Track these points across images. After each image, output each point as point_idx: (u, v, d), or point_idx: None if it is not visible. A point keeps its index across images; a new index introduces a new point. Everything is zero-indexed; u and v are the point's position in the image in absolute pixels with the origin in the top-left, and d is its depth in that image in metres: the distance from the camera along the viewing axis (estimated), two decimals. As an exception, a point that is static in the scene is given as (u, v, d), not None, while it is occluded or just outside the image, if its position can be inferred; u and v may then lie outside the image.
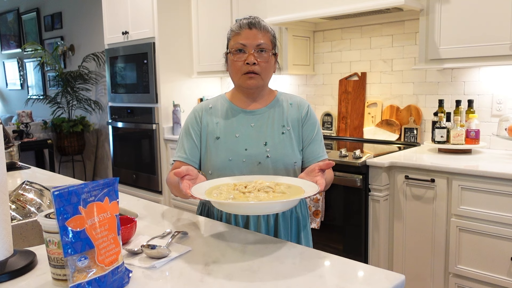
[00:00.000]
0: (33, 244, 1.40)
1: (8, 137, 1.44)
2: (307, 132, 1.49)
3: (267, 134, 1.45)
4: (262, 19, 1.46)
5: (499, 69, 2.48)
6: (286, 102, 1.51)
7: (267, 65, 1.43)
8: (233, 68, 1.44)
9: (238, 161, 1.42)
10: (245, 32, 1.40)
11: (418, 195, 2.24)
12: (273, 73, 1.49)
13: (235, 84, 1.51)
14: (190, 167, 1.21)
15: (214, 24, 3.53)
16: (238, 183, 1.25)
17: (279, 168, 1.43)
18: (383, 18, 2.89)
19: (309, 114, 1.51)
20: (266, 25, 1.44)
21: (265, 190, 1.18)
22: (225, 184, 1.26)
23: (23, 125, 5.24)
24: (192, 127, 1.49)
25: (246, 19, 1.42)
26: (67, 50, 5.83)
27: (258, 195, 1.15)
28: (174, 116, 3.64)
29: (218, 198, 1.14)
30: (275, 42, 1.47)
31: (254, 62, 1.39)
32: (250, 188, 1.19)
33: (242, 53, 1.41)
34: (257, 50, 1.40)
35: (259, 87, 1.46)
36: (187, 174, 1.19)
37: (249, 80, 1.42)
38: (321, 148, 1.51)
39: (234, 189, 1.20)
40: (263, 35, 1.41)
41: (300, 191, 1.17)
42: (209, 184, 1.25)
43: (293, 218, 1.48)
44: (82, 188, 0.82)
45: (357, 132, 3.09)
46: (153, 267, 0.98)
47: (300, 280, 0.91)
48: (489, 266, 2.03)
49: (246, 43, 1.40)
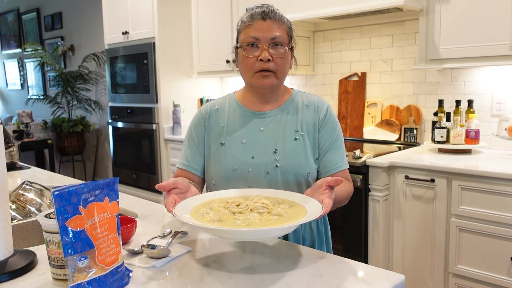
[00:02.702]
0: (33, 244, 1.40)
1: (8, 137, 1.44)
2: (324, 138, 1.30)
3: (277, 140, 1.28)
4: (276, 7, 1.28)
5: (499, 69, 2.48)
6: (301, 103, 1.33)
7: (283, 61, 1.25)
8: (244, 65, 1.26)
9: (244, 170, 1.27)
10: (258, 23, 1.22)
11: (418, 195, 2.24)
12: (289, 70, 1.31)
13: (246, 83, 1.33)
14: (179, 179, 1.09)
15: (214, 24, 3.53)
16: (231, 200, 1.09)
17: (289, 179, 1.26)
18: (383, 18, 2.89)
19: (327, 117, 1.32)
20: (282, 15, 1.27)
21: (259, 210, 1.02)
22: (218, 200, 1.11)
23: (23, 125, 5.24)
24: (195, 131, 1.36)
25: (259, 8, 1.24)
26: (67, 50, 5.83)
27: (249, 217, 0.99)
28: (174, 116, 3.65)
29: (203, 219, 0.98)
30: (291, 34, 1.29)
31: (269, 59, 1.22)
32: (242, 208, 1.04)
33: (254, 47, 1.23)
34: (272, 44, 1.22)
35: (274, 87, 1.28)
36: (175, 188, 1.06)
37: (263, 79, 1.25)
38: (339, 157, 1.30)
39: (225, 207, 1.05)
40: (278, 27, 1.23)
41: (301, 213, 1.00)
42: (199, 200, 1.10)
43: (307, 236, 1.30)
44: (82, 188, 0.82)
45: (357, 132, 3.09)
46: (153, 267, 0.98)
47: (300, 280, 0.91)
48: (489, 266, 2.03)
49: (259, 36, 1.22)
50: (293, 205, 1.06)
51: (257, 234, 0.95)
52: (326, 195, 1.01)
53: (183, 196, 1.08)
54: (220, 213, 1.02)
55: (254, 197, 1.11)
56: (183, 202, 1.05)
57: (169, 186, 1.05)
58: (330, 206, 0.97)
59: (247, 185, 1.28)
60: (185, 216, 0.97)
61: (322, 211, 0.94)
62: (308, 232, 1.32)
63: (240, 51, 1.26)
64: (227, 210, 1.04)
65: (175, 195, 1.05)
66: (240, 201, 1.08)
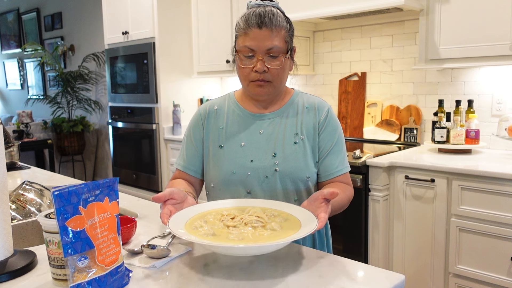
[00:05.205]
0: (33, 244, 1.40)
1: (8, 137, 1.43)
2: (325, 142, 1.28)
3: (277, 143, 1.26)
4: (277, 9, 1.22)
5: (499, 69, 2.48)
6: (302, 105, 1.30)
7: (280, 71, 1.22)
8: (240, 74, 1.25)
9: (243, 174, 1.25)
10: (253, 32, 1.18)
11: (418, 195, 2.24)
12: (289, 73, 1.29)
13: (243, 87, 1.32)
14: (175, 189, 1.07)
15: (214, 24, 3.53)
16: (227, 212, 1.10)
17: (288, 183, 1.25)
18: (383, 18, 2.89)
19: (328, 119, 1.29)
20: (281, 18, 1.20)
21: (253, 224, 1.02)
22: (213, 212, 1.11)
23: (23, 125, 5.24)
24: (193, 132, 1.34)
25: (257, 9, 1.19)
26: (67, 50, 5.84)
27: (243, 231, 1.00)
28: (174, 116, 3.65)
29: (196, 232, 0.98)
30: (291, 36, 1.24)
31: (264, 70, 1.19)
32: (237, 221, 1.04)
33: (250, 57, 1.20)
34: (268, 55, 1.19)
35: (271, 94, 1.27)
36: (171, 198, 1.05)
37: (259, 89, 1.23)
38: (339, 161, 1.28)
39: (220, 220, 1.05)
40: (276, 35, 1.18)
41: (295, 227, 1.01)
42: (194, 211, 1.09)
43: (307, 238, 1.29)
44: (82, 188, 0.82)
45: (357, 132, 3.09)
46: (153, 267, 0.98)
47: (300, 280, 0.91)
48: (489, 266, 2.03)
49: (255, 47, 1.18)
50: (289, 218, 1.07)
51: (248, 251, 0.96)
52: (322, 209, 1.01)
53: (179, 207, 1.07)
54: (214, 227, 1.02)
55: (249, 209, 1.11)
56: (179, 213, 1.04)
57: (165, 197, 1.04)
58: (325, 221, 0.99)
59: (246, 189, 1.26)
60: (179, 230, 0.97)
61: (316, 226, 0.95)
62: (308, 235, 1.32)
63: (237, 58, 1.24)
64: (221, 223, 1.04)
65: (171, 206, 1.04)
66: (236, 214, 1.08)
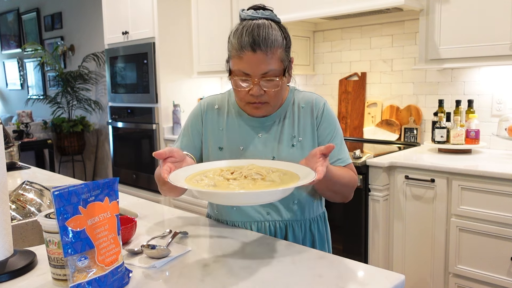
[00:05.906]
0: (33, 244, 1.40)
1: (8, 137, 1.44)
2: (324, 134, 1.29)
3: (274, 147, 1.27)
4: (271, 21, 1.19)
5: (499, 69, 2.48)
6: (297, 105, 1.31)
7: (277, 91, 1.20)
8: (236, 94, 1.25)
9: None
10: (247, 56, 1.14)
11: (418, 195, 2.24)
12: (287, 85, 1.29)
13: None
14: (175, 148, 1.07)
15: (214, 24, 3.53)
16: (226, 168, 1.12)
17: None
18: (383, 18, 2.89)
19: (324, 114, 1.30)
20: (276, 35, 1.16)
21: (253, 177, 1.04)
22: (212, 170, 1.12)
23: (23, 125, 5.24)
24: (192, 125, 1.35)
25: (249, 35, 1.14)
26: (67, 50, 5.83)
27: (242, 182, 1.01)
28: (174, 116, 3.65)
29: (197, 185, 0.99)
30: (288, 52, 1.21)
31: (261, 93, 1.18)
32: (236, 175, 1.05)
33: (245, 81, 1.18)
34: (264, 78, 1.17)
35: (269, 113, 1.27)
36: (171, 156, 1.05)
37: (255, 110, 1.24)
38: (339, 152, 1.28)
39: (219, 174, 1.07)
40: (271, 57, 1.15)
41: (294, 179, 1.02)
42: (195, 169, 1.11)
43: (307, 238, 1.31)
44: (82, 188, 0.82)
45: (357, 132, 3.09)
46: (153, 267, 0.98)
47: (300, 280, 0.91)
48: (489, 266, 2.03)
49: (250, 71, 1.16)
50: (287, 173, 1.08)
51: (250, 197, 0.95)
52: (319, 163, 1.01)
53: (179, 165, 1.07)
54: (214, 180, 1.03)
55: (248, 166, 1.11)
56: (179, 170, 1.05)
57: (165, 154, 1.04)
58: (323, 172, 0.98)
59: None
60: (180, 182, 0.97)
61: (316, 176, 0.96)
62: (308, 235, 1.32)
63: (232, 81, 1.21)
64: (221, 177, 1.05)
65: (170, 164, 1.04)
66: (235, 169, 1.10)
